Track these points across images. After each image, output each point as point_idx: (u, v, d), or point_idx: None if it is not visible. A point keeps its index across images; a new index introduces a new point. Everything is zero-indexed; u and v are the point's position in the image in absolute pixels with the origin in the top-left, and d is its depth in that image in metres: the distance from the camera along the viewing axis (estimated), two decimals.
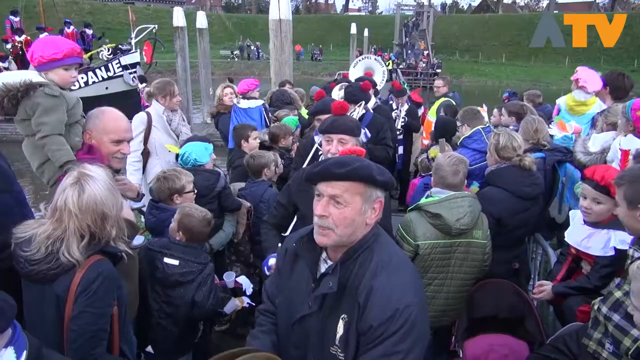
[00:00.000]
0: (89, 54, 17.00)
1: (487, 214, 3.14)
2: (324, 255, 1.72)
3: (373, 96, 5.61)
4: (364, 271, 1.60)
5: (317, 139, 3.58)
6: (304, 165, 3.53)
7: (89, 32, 18.27)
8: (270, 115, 5.77)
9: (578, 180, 3.48)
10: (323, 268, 1.70)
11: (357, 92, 4.54)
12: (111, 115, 2.56)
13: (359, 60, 10.30)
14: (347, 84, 5.78)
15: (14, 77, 2.47)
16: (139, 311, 2.70)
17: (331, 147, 2.64)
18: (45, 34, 14.82)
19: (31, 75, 2.55)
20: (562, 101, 4.84)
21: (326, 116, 3.40)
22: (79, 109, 2.66)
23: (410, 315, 1.52)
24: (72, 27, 17.22)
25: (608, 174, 2.60)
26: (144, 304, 2.76)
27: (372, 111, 4.81)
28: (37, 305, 1.89)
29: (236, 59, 44.04)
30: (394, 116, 6.87)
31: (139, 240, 2.56)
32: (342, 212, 1.57)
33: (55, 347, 1.86)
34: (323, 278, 1.64)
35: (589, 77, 4.54)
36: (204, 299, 2.81)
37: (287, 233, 3.23)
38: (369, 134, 4.43)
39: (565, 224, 3.01)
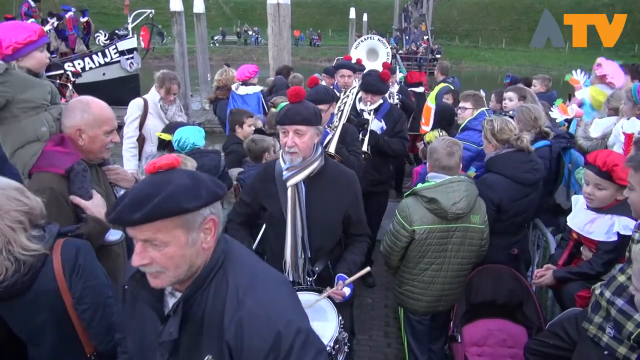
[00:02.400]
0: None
1: (487, 200, 3.12)
2: (168, 288, 1.43)
3: (355, 82, 5.35)
4: (222, 300, 1.33)
5: None
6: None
7: (84, 20, 17.85)
8: (268, 102, 5.71)
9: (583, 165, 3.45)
10: (170, 303, 1.43)
11: (376, 82, 4.30)
12: (99, 106, 2.38)
13: (361, 41, 9.73)
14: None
15: None
16: None
17: (287, 139, 2.40)
18: (32, 20, 14.61)
19: None
20: (586, 95, 4.73)
21: (322, 106, 3.24)
22: (39, 94, 2.45)
23: (299, 331, 1.31)
24: (69, 14, 16.95)
25: (610, 159, 2.56)
26: None
27: (388, 101, 4.62)
28: (28, 317, 1.78)
29: (217, 45, 43.03)
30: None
31: (116, 235, 2.42)
32: (165, 254, 1.28)
33: (66, 342, 1.81)
34: (167, 321, 1.36)
35: (615, 73, 4.54)
36: None
37: (256, 243, 3.07)
38: (384, 126, 4.31)
39: (571, 210, 2.99)
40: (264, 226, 2.83)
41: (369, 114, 4.32)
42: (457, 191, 2.85)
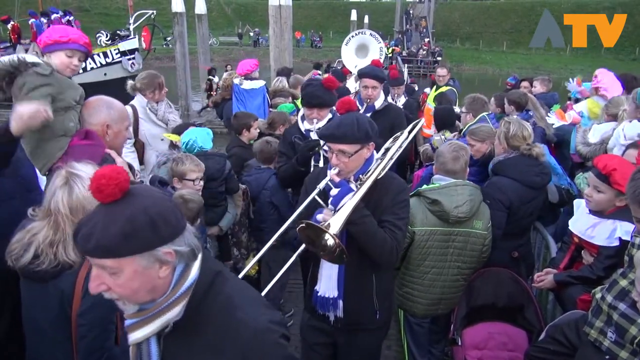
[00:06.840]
0: None
1: (498, 202, 3.13)
2: None
3: (382, 93, 4.22)
4: None
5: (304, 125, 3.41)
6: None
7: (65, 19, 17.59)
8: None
9: None
10: None
11: (319, 91, 3.35)
12: (119, 104, 2.60)
13: (352, 37, 9.34)
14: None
15: (9, 57, 2.43)
16: None
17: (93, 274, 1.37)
18: (33, 20, 14.64)
19: (25, 54, 2.51)
20: (583, 107, 4.73)
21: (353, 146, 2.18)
22: (73, 95, 2.56)
23: None
24: (54, 15, 16.86)
25: (611, 163, 2.56)
26: None
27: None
28: (39, 302, 1.89)
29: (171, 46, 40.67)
30: None
31: None
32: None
33: (61, 342, 1.86)
34: None
35: (610, 85, 4.50)
36: None
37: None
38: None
39: (560, 204, 2.99)
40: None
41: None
42: (460, 195, 2.85)
